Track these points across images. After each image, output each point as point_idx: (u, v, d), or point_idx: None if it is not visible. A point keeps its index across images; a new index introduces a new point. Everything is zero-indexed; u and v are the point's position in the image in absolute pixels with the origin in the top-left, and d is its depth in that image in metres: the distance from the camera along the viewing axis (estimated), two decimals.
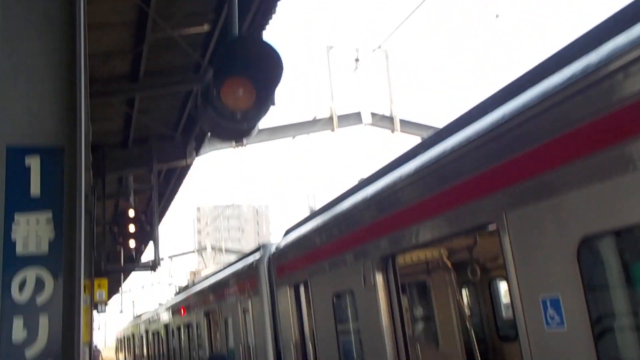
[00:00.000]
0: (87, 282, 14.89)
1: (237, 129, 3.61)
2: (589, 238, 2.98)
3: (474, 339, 6.01)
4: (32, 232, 2.43)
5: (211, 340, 13.28)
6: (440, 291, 7.38)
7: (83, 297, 2.35)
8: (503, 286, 8.32)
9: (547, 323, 3.25)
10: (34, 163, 2.47)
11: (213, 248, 32.86)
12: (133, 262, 13.61)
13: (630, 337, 3.02)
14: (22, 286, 2.40)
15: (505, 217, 3.52)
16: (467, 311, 6.65)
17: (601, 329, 3.01)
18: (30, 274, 2.40)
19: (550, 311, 3.22)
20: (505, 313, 8.52)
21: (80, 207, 2.39)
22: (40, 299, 2.40)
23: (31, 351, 2.36)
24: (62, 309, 2.36)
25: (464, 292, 8.55)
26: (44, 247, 2.43)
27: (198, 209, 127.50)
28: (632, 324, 2.99)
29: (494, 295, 8.44)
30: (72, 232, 2.39)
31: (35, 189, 2.47)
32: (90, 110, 2.35)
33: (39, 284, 2.41)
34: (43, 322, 2.38)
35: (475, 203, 3.82)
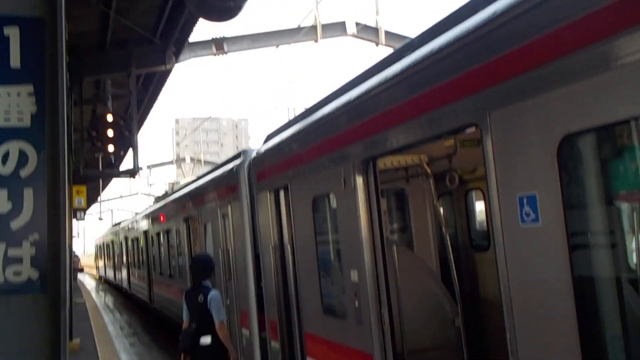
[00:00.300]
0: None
1: (224, 6, 3.49)
2: (571, 136, 3.03)
3: (449, 245, 6.21)
4: (13, 104, 2.38)
5: (190, 246, 13.52)
6: (417, 199, 7.52)
7: (67, 172, 2.34)
8: (479, 205, 8.53)
9: (522, 219, 3.35)
10: (13, 33, 2.39)
11: (192, 159, 32.82)
12: (112, 168, 13.61)
13: (601, 230, 3.14)
14: (5, 159, 2.38)
15: (488, 117, 3.55)
16: (442, 220, 6.81)
17: (575, 223, 3.12)
18: (13, 147, 2.38)
19: (526, 208, 3.32)
20: (479, 225, 8.78)
21: (62, 80, 2.34)
22: (24, 172, 2.39)
23: (16, 223, 2.38)
24: (47, 183, 2.37)
25: (441, 202, 8.74)
26: (26, 121, 2.39)
27: (176, 121, 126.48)
28: (604, 218, 3.11)
29: (469, 206, 8.65)
30: (54, 106, 2.35)
31: (15, 61, 2.40)
32: (66, 8, 2.26)
33: (23, 157, 2.40)
34: (27, 195, 2.38)
35: (459, 103, 3.84)
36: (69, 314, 15.24)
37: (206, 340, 7.05)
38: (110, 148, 12.26)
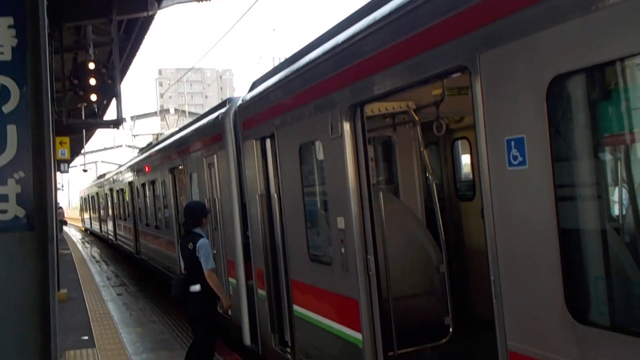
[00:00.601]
0: None
1: None
2: (560, 77, 3.01)
3: (435, 193, 6.24)
4: None
5: (176, 197, 13.49)
6: (404, 147, 7.53)
7: (51, 108, 2.28)
8: (465, 155, 8.56)
9: (510, 163, 3.36)
10: None
11: (176, 111, 32.45)
12: (95, 117, 13.40)
13: (588, 172, 3.16)
14: None
15: (478, 59, 3.51)
16: (429, 168, 6.83)
17: (561, 166, 3.13)
18: None
19: (514, 151, 3.32)
20: (465, 176, 8.83)
21: (43, 12, 2.26)
22: (7, 108, 2.33)
23: (0, 160, 2.34)
24: (30, 120, 2.32)
25: (428, 152, 8.76)
26: (7, 54, 2.32)
27: (159, 71, 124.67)
28: (591, 161, 3.12)
29: (455, 156, 8.69)
30: (36, 41, 2.27)
31: None
32: None
33: (4, 93, 2.33)
34: (11, 131, 2.33)
35: (449, 45, 3.79)
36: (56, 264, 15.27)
37: (195, 287, 7.13)
38: (93, 97, 12.01)
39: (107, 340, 10.33)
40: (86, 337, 10.60)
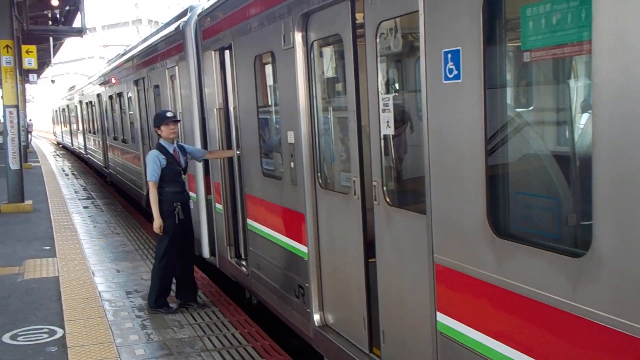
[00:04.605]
0: (10, 42, 14.15)
1: None
2: None
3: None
4: None
5: (140, 110, 13.26)
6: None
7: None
8: None
9: (446, 76, 3.30)
10: None
11: (150, 21, 31.36)
12: (58, 24, 12.89)
13: (519, 90, 3.12)
14: None
15: None
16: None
17: (492, 80, 3.08)
18: None
19: (450, 64, 3.25)
20: None
21: None
22: None
23: None
24: None
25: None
26: None
27: None
28: (523, 78, 3.08)
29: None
30: None
31: None
32: None
33: None
34: None
35: None
36: (20, 177, 14.91)
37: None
38: (54, 2, 11.53)
39: (68, 250, 10.38)
40: (48, 247, 10.63)
